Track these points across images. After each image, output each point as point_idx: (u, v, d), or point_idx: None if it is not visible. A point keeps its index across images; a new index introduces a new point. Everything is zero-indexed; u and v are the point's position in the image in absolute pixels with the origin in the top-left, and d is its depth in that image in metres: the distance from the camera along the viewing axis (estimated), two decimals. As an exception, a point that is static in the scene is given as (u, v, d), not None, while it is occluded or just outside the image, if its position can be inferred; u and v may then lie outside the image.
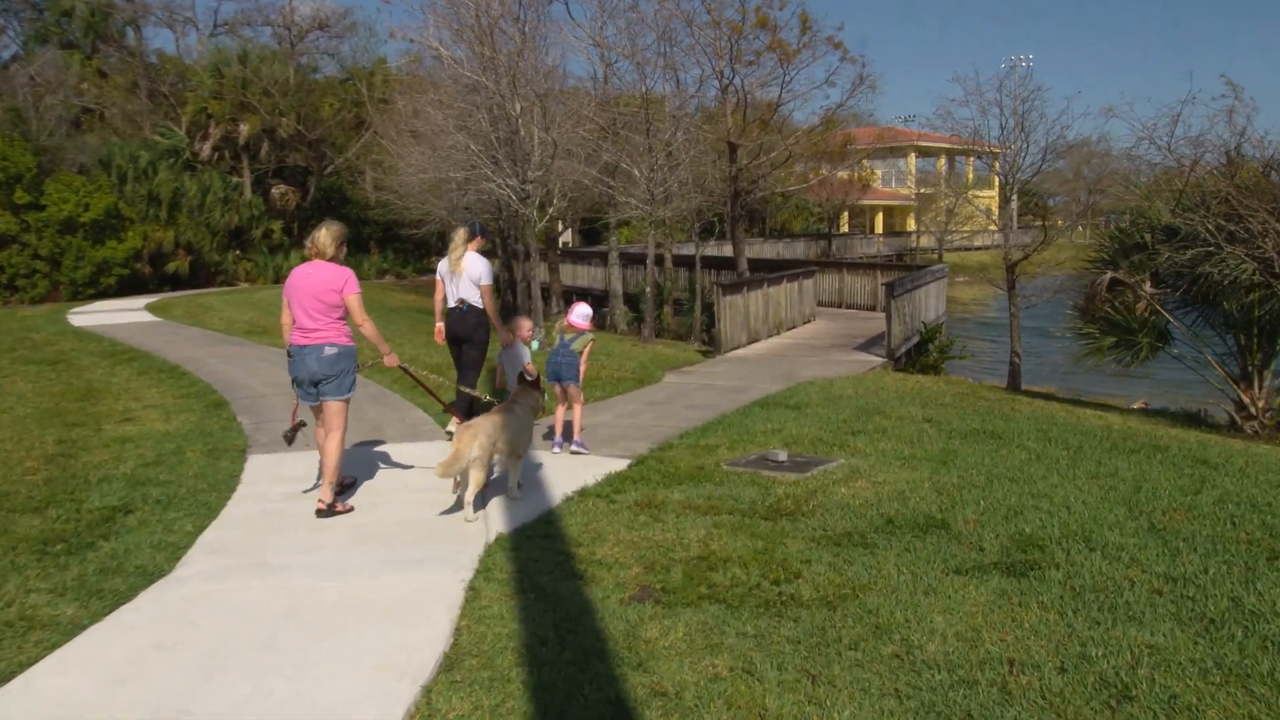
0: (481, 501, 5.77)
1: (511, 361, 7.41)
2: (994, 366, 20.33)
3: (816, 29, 20.57)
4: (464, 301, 7.64)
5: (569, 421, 7.37)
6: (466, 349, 7.77)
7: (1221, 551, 4.67)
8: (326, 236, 5.81)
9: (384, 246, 38.68)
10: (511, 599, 4.30)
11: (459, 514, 5.60)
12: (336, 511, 5.70)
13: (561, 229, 29.28)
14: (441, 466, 5.51)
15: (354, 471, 6.53)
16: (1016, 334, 15.87)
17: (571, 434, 7.33)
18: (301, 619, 4.18)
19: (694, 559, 4.76)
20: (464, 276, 7.60)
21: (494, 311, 7.74)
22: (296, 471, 6.64)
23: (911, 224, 53.21)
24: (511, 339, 7.55)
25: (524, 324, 7.68)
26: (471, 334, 7.71)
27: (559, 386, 7.29)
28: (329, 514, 5.66)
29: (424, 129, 22.24)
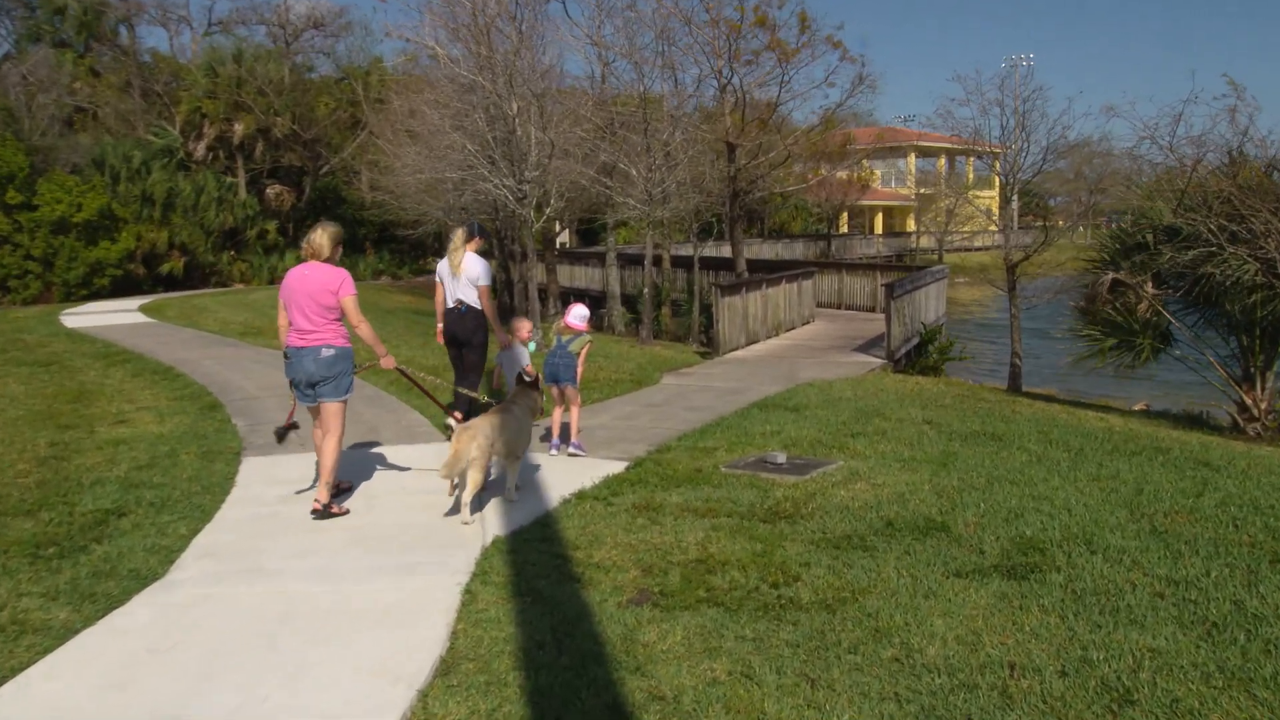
0: (479, 504, 5.74)
1: (510, 362, 7.38)
2: (994, 368, 20.32)
3: (816, 28, 20.55)
4: (462, 302, 7.60)
5: (566, 423, 7.35)
6: (466, 351, 7.72)
7: (1224, 554, 4.65)
8: (323, 237, 5.78)
9: (380, 247, 38.60)
10: (508, 602, 4.27)
11: (456, 517, 5.57)
12: (332, 513, 5.68)
13: (559, 229, 29.22)
14: (444, 467, 5.53)
15: (350, 474, 6.49)
16: (1017, 335, 15.85)
17: (569, 436, 7.30)
18: (296, 623, 4.15)
19: (692, 562, 4.73)
20: (462, 277, 7.57)
21: (492, 313, 7.70)
22: (291, 474, 6.61)
23: (911, 224, 53.21)
24: (510, 340, 7.51)
25: (523, 325, 7.65)
26: (470, 336, 7.67)
27: (556, 388, 7.26)
28: (325, 515, 5.63)
29: (420, 129, 22.19)
